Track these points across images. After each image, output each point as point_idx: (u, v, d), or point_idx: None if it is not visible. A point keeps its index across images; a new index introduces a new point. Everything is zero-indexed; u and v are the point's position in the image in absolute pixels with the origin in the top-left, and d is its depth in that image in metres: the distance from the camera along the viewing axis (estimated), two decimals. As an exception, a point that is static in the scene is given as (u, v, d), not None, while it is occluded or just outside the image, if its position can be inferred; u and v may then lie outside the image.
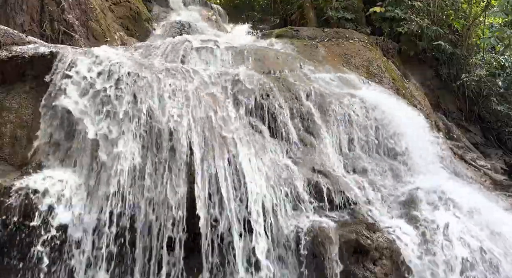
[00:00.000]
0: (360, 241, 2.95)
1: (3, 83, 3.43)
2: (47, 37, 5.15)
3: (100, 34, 5.83)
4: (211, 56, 4.99)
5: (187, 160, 3.06)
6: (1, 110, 3.30)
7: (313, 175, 3.49)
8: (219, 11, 10.34)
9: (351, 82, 5.30)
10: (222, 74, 4.09)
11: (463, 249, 3.12)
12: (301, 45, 6.53)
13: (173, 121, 3.20)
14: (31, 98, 3.38)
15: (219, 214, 2.94)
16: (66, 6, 5.43)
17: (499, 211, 3.70)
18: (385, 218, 3.40)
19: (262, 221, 2.97)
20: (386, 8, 8.28)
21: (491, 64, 8.50)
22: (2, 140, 3.19)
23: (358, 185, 3.66)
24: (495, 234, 3.32)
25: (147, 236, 2.82)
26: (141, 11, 7.73)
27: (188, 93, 3.50)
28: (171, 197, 2.89)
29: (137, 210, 2.87)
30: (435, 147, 4.65)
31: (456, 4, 8.72)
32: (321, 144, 3.92)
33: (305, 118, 4.03)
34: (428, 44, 8.26)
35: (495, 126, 8.22)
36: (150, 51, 4.94)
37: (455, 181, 4.24)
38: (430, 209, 3.51)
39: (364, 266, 2.91)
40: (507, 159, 6.80)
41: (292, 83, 4.39)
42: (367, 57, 6.66)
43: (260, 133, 3.70)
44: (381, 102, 4.62)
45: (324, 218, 3.19)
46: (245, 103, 3.84)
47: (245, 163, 3.17)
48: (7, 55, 3.44)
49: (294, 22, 10.07)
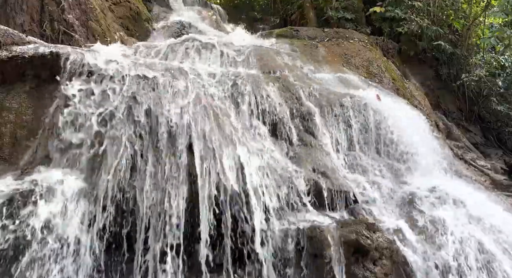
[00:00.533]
0: (360, 241, 2.95)
1: (3, 83, 3.43)
2: (47, 37, 5.15)
3: (100, 34, 5.83)
4: (211, 56, 5.00)
5: (187, 160, 3.06)
6: (1, 110, 3.29)
7: (313, 175, 3.50)
8: (219, 11, 10.33)
9: (351, 82, 5.31)
10: (222, 74, 4.09)
11: (463, 249, 3.12)
12: (301, 45, 6.53)
13: (173, 121, 3.20)
14: (31, 98, 3.38)
15: (220, 214, 2.95)
16: (66, 6, 5.43)
17: (499, 211, 3.70)
18: (385, 218, 3.41)
19: (263, 221, 2.97)
20: (386, 8, 8.28)
21: (491, 64, 8.50)
22: (2, 140, 3.19)
23: (358, 185, 3.67)
24: (495, 234, 3.32)
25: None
26: (141, 11, 7.73)
27: (188, 93, 3.50)
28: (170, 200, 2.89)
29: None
30: (435, 147, 4.65)
31: (456, 4, 8.72)
32: (321, 143, 3.92)
33: (305, 118, 4.03)
34: (428, 44, 8.27)
35: (495, 126, 8.23)
36: (150, 51, 4.95)
37: (455, 181, 4.24)
38: (430, 209, 3.51)
39: (364, 266, 2.91)
40: (507, 159, 6.80)
41: (292, 83, 4.39)
42: (367, 57, 6.67)
43: (259, 133, 3.70)
44: (382, 102, 4.62)
45: (324, 218, 3.19)
46: (245, 103, 3.84)
47: (246, 163, 3.17)
48: (7, 55, 3.44)
49: (294, 22, 10.07)
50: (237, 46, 5.29)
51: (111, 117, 3.17)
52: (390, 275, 2.90)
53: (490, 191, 4.37)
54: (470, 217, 3.45)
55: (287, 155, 3.68)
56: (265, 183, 3.17)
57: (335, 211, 3.34)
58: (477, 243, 3.17)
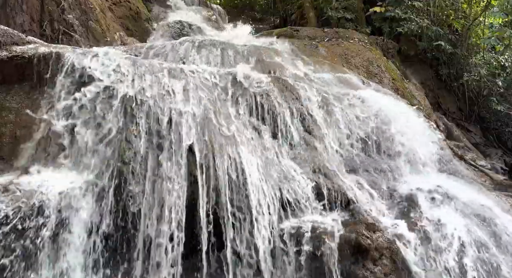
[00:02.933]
0: (360, 241, 2.95)
1: (3, 83, 3.43)
2: (47, 37, 5.16)
3: (100, 34, 5.83)
4: (211, 56, 5.00)
5: (187, 160, 3.06)
6: (1, 110, 3.30)
7: (313, 175, 3.50)
8: (219, 11, 10.35)
9: (351, 82, 5.31)
10: (222, 74, 4.09)
11: (463, 249, 3.12)
12: (301, 45, 6.54)
13: (173, 121, 3.20)
14: (31, 98, 3.38)
15: (220, 214, 2.95)
16: (66, 6, 5.43)
17: (500, 211, 3.70)
18: (385, 218, 3.40)
19: (264, 221, 2.97)
20: (386, 8, 8.29)
21: (491, 64, 8.51)
22: (2, 140, 3.19)
23: (358, 185, 3.66)
24: (495, 234, 3.32)
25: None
26: (141, 11, 7.74)
27: (188, 93, 3.50)
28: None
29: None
30: (435, 147, 4.65)
31: (456, 4, 8.73)
32: (321, 143, 3.92)
33: (305, 118, 4.03)
34: (428, 44, 8.27)
35: (495, 126, 8.23)
36: (150, 51, 4.95)
37: (455, 181, 4.23)
38: (430, 209, 3.51)
39: (364, 266, 2.91)
40: (507, 159, 6.80)
41: (292, 83, 4.39)
42: (367, 57, 6.67)
43: (260, 133, 3.70)
44: (381, 102, 4.62)
45: (324, 218, 3.19)
46: (245, 103, 3.84)
47: (246, 163, 3.17)
48: (7, 55, 3.44)
49: (294, 22, 10.09)
50: (237, 46, 5.29)
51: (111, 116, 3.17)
52: (390, 275, 2.90)
53: (490, 191, 4.37)
54: (470, 217, 3.45)
55: (287, 155, 3.68)
56: (265, 183, 3.17)
57: (335, 211, 3.34)
58: (477, 242, 3.17)
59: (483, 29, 8.97)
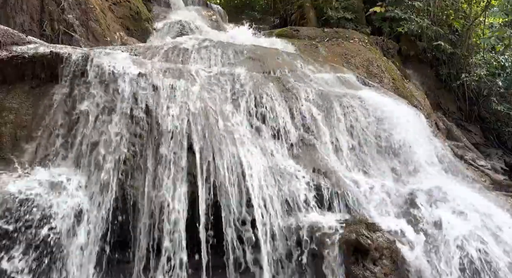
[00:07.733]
0: (360, 241, 2.95)
1: (3, 83, 3.43)
2: (47, 37, 5.16)
3: (100, 34, 5.83)
4: (211, 56, 5.00)
5: (187, 160, 3.06)
6: (1, 110, 3.29)
7: (313, 175, 3.49)
8: (219, 11, 10.34)
9: (351, 82, 5.31)
10: (222, 74, 4.09)
11: (463, 249, 3.12)
12: (301, 45, 6.55)
13: (172, 121, 3.20)
14: (31, 98, 3.39)
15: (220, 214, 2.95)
16: (66, 6, 5.43)
17: (500, 211, 3.70)
18: (385, 218, 3.40)
19: (264, 221, 2.97)
20: (386, 8, 8.29)
21: (491, 64, 8.51)
22: (2, 140, 3.19)
23: (358, 184, 3.66)
24: (495, 234, 3.31)
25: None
26: (141, 11, 7.73)
27: (188, 93, 3.50)
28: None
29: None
30: (435, 147, 4.65)
31: (456, 4, 8.73)
32: (321, 143, 3.92)
33: (305, 118, 4.03)
34: (428, 44, 8.28)
35: (495, 126, 8.23)
36: (150, 51, 4.94)
37: (455, 181, 4.23)
38: (430, 209, 3.51)
39: (364, 266, 2.91)
40: (507, 159, 6.80)
41: (292, 83, 4.38)
42: (367, 57, 6.68)
43: (260, 133, 3.70)
44: (381, 102, 4.62)
45: (324, 218, 3.18)
46: (245, 103, 3.84)
47: (245, 163, 3.17)
48: (7, 55, 3.44)
49: (294, 22, 10.07)
50: (237, 46, 5.29)
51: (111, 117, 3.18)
52: (390, 275, 2.90)
53: (490, 191, 4.37)
54: (470, 216, 3.45)
55: (288, 155, 3.68)
56: (265, 183, 3.17)
57: (335, 211, 3.34)
58: (478, 242, 3.17)
59: (483, 29, 8.98)
